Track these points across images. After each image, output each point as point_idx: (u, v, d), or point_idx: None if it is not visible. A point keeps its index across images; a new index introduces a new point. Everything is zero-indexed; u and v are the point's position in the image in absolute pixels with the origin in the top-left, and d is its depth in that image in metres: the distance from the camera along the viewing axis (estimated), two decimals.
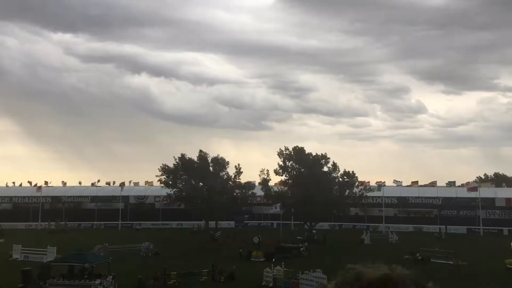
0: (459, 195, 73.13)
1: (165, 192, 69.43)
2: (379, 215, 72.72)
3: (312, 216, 60.11)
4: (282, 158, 63.19)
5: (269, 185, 65.20)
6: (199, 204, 66.83)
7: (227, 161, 70.14)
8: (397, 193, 75.71)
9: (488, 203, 71.03)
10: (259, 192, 68.32)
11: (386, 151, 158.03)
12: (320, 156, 62.71)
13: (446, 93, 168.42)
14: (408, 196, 75.52)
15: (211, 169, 69.13)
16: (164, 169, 68.13)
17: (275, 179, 68.35)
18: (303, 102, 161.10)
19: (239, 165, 69.81)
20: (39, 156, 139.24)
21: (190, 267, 37.41)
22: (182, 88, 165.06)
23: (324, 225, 66.91)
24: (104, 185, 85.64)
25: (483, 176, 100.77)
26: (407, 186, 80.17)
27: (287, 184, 64.19)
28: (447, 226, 66.81)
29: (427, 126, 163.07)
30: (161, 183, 69.26)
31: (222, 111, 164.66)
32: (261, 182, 65.34)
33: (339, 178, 62.74)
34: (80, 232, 66.91)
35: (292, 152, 63.42)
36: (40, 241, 50.58)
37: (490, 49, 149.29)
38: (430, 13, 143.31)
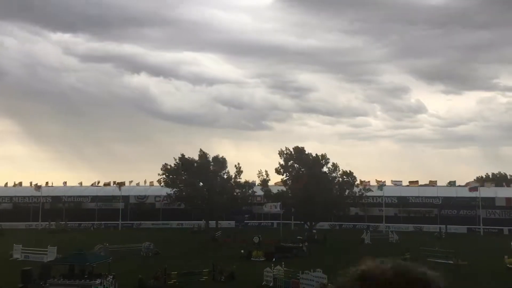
0: (459, 195, 73.16)
1: (165, 192, 69.45)
2: (379, 214, 72.73)
3: (312, 216, 60.14)
4: (283, 157, 63.28)
5: (268, 185, 65.26)
6: (199, 204, 66.84)
7: (226, 160, 70.37)
8: (397, 192, 75.64)
9: (488, 202, 71.02)
10: (259, 191, 68.34)
11: (386, 151, 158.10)
12: (320, 156, 62.78)
13: (446, 92, 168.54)
14: (408, 196, 75.50)
15: (211, 168, 69.17)
16: (165, 168, 68.18)
17: (274, 179, 68.57)
18: (303, 102, 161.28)
19: (239, 164, 70.07)
20: (38, 156, 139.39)
21: (190, 266, 37.43)
22: (182, 88, 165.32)
23: (324, 224, 66.91)
24: (104, 185, 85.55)
25: (484, 176, 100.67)
26: (407, 186, 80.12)
27: (288, 183, 64.22)
28: (447, 226, 66.86)
29: (427, 126, 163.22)
30: (160, 183, 69.24)
31: (221, 111, 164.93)
32: (260, 183, 65.44)
33: (339, 178, 62.80)
34: (81, 232, 67.01)
35: (292, 152, 63.52)
36: (40, 241, 50.60)
37: (490, 48, 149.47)
38: (430, 12, 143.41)
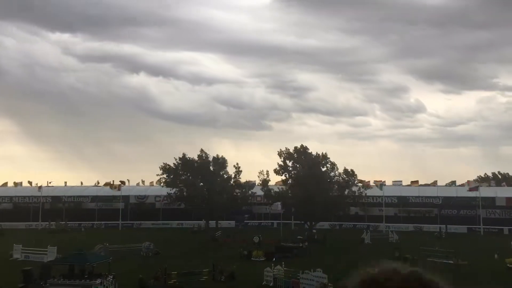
0: (459, 195, 73.21)
1: (165, 191, 69.43)
2: (379, 214, 72.70)
3: (312, 216, 60.14)
4: (283, 158, 63.26)
5: (269, 185, 65.24)
6: (199, 204, 66.83)
7: (226, 160, 70.29)
8: (397, 192, 75.68)
9: (489, 202, 71.01)
10: (259, 191, 68.33)
11: (385, 151, 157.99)
12: (321, 156, 62.74)
13: (445, 92, 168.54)
14: (408, 196, 75.47)
15: (211, 168, 69.16)
16: (165, 168, 68.14)
17: (274, 179, 68.55)
18: (302, 101, 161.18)
19: (238, 164, 70.02)
20: (38, 156, 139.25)
21: (190, 266, 37.46)
22: (181, 88, 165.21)
23: (325, 224, 66.90)
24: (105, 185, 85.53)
25: (484, 175, 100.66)
26: (407, 186, 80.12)
27: (288, 184, 64.20)
28: (448, 226, 66.85)
29: (426, 125, 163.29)
30: (161, 183, 69.22)
31: (221, 110, 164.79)
32: (261, 183, 65.38)
33: (339, 177, 62.77)
34: (81, 232, 67.01)
35: (293, 152, 63.48)
36: (40, 241, 50.61)
37: (489, 48, 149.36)
38: (429, 12, 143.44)
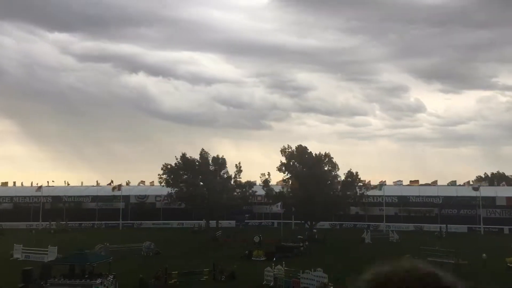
0: (460, 194, 73.22)
1: (165, 191, 69.47)
2: (379, 214, 72.75)
3: (312, 216, 60.14)
4: (285, 156, 63.10)
5: (270, 185, 65.22)
6: (199, 204, 66.85)
7: (225, 160, 70.30)
8: (397, 192, 75.72)
9: (489, 202, 71.02)
10: (259, 191, 68.34)
11: (385, 150, 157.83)
12: (323, 156, 62.64)
13: (445, 92, 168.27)
14: (408, 195, 75.52)
15: (211, 168, 69.15)
16: (166, 168, 68.15)
17: (275, 179, 68.54)
18: (302, 101, 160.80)
19: (239, 163, 70.04)
20: (38, 156, 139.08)
21: (191, 266, 37.49)
22: (180, 88, 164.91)
23: (325, 224, 66.92)
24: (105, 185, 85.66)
25: (483, 175, 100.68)
26: (407, 185, 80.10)
27: (288, 184, 64.15)
28: (448, 225, 66.86)
29: (426, 125, 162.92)
30: (161, 183, 69.19)
31: (220, 110, 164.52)
32: (262, 182, 65.35)
33: (341, 177, 62.75)
34: (81, 232, 67.04)
35: (295, 151, 63.36)
36: (41, 241, 50.64)
37: (489, 47, 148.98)
38: (429, 11, 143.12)
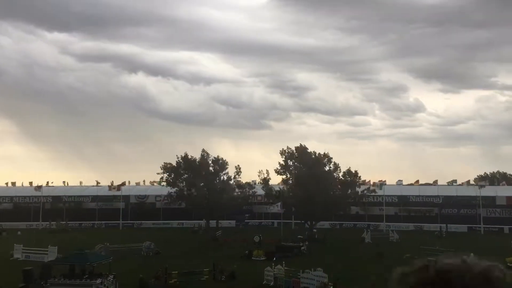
0: (460, 194, 73.24)
1: (165, 191, 69.47)
2: (379, 214, 72.73)
3: (312, 215, 60.12)
4: (284, 157, 63.11)
5: (269, 184, 65.18)
6: (200, 204, 66.86)
7: (227, 161, 70.30)
8: (397, 191, 75.68)
9: (489, 201, 70.98)
10: (259, 191, 68.34)
11: (385, 150, 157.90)
12: (322, 156, 62.65)
13: (444, 91, 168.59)
14: (408, 195, 75.52)
15: (211, 169, 69.12)
16: (166, 167, 68.13)
17: (275, 179, 68.48)
18: (301, 101, 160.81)
19: (239, 166, 69.96)
20: (38, 156, 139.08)
21: (191, 266, 37.49)
22: (180, 87, 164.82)
23: (325, 224, 66.90)
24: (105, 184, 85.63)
25: (482, 175, 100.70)
26: (408, 185, 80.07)
27: (288, 184, 64.12)
28: (448, 225, 66.89)
29: (426, 124, 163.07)
30: (161, 182, 69.21)
31: (220, 110, 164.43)
32: (261, 181, 65.29)
33: (341, 177, 62.70)
34: (81, 232, 67.04)
35: (294, 151, 63.36)
36: (41, 240, 50.64)
37: (488, 47, 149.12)
38: (427, 11, 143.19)
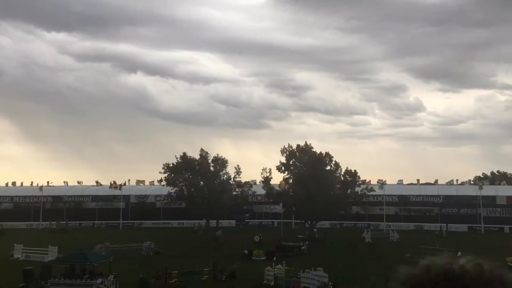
0: (460, 193, 73.24)
1: (165, 191, 69.38)
2: (380, 213, 72.73)
3: (313, 215, 60.11)
4: (285, 155, 62.99)
5: (271, 183, 65.12)
6: (200, 203, 66.82)
7: (226, 159, 70.26)
8: (398, 191, 75.69)
9: (489, 201, 70.95)
10: (259, 191, 68.29)
11: (385, 149, 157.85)
12: (324, 155, 62.58)
13: (444, 91, 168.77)
14: (409, 195, 75.49)
15: (211, 169, 69.07)
16: (167, 167, 68.09)
17: (275, 178, 68.40)
18: (301, 100, 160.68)
19: (238, 166, 69.86)
20: (37, 156, 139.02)
21: (191, 266, 37.50)
22: (179, 87, 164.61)
23: (325, 223, 66.90)
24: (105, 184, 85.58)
25: (482, 175, 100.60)
26: (408, 185, 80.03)
27: (289, 183, 64.07)
28: (448, 224, 66.86)
29: (426, 124, 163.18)
30: (161, 182, 69.10)
31: (219, 110, 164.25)
32: (263, 180, 65.15)
33: (341, 177, 62.68)
34: (81, 232, 67.05)
35: (295, 149, 63.23)
36: (41, 240, 50.63)
37: (487, 46, 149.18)
38: (427, 10, 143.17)
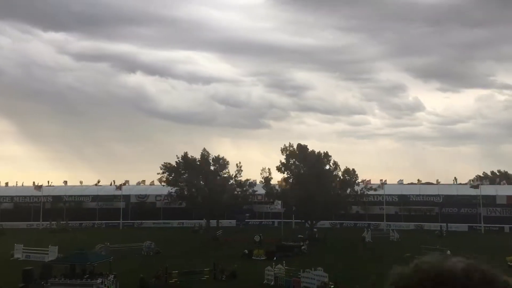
0: (460, 193, 73.21)
1: (166, 191, 69.35)
2: (380, 213, 72.70)
3: (313, 215, 60.10)
4: (285, 155, 62.96)
5: (271, 183, 65.12)
6: (200, 203, 66.80)
7: (227, 160, 70.22)
8: (398, 191, 75.66)
9: (489, 200, 70.92)
10: (260, 190, 68.28)
11: (385, 149, 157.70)
12: (323, 155, 62.59)
13: (443, 90, 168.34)
14: (409, 194, 75.48)
15: (212, 169, 69.06)
16: (166, 167, 68.09)
17: (276, 178, 68.41)
18: (300, 100, 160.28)
19: (240, 163, 69.89)
20: (37, 156, 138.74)
21: (191, 266, 37.51)
22: (178, 87, 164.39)
23: (325, 223, 66.91)
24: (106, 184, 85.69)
25: (482, 174, 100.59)
26: (408, 184, 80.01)
27: (289, 183, 64.06)
28: (448, 224, 66.85)
29: (425, 124, 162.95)
30: (161, 182, 69.13)
31: (219, 109, 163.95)
32: (263, 180, 65.16)
33: (340, 176, 62.70)
34: (82, 231, 67.05)
35: (295, 149, 63.21)
36: (41, 240, 50.64)
37: (486, 46, 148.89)
38: (426, 10, 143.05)
